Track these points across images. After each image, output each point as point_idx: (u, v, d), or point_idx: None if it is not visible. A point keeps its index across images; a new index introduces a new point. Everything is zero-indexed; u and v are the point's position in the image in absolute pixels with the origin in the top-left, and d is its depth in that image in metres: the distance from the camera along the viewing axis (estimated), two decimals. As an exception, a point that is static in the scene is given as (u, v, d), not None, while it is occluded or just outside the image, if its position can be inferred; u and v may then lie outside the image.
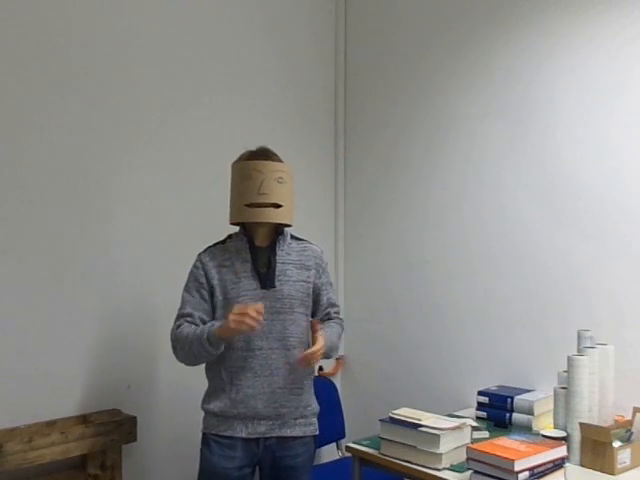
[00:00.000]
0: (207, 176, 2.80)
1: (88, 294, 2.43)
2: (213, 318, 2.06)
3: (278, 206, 2.00)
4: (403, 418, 2.06)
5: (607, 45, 2.36)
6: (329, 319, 2.19)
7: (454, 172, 2.85)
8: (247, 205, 1.99)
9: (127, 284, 2.54)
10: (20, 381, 2.26)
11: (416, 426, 2.00)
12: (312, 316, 2.17)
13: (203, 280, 2.06)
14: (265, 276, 2.04)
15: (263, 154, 2.07)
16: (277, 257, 2.07)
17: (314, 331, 2.03)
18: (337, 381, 3.24)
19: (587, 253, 2.40)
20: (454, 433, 1.99)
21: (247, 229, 2.10)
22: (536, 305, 2.55)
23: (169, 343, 2.11)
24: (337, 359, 3.29)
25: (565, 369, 2.08)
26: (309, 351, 1.96)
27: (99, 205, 2.47)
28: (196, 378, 2.70)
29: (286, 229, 2.14)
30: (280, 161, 2.08)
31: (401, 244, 3.07)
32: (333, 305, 2.21)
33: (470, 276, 2.78)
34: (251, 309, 1.86)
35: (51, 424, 2.27)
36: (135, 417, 2.39)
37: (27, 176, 2.29)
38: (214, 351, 1.96)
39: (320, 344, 1.98)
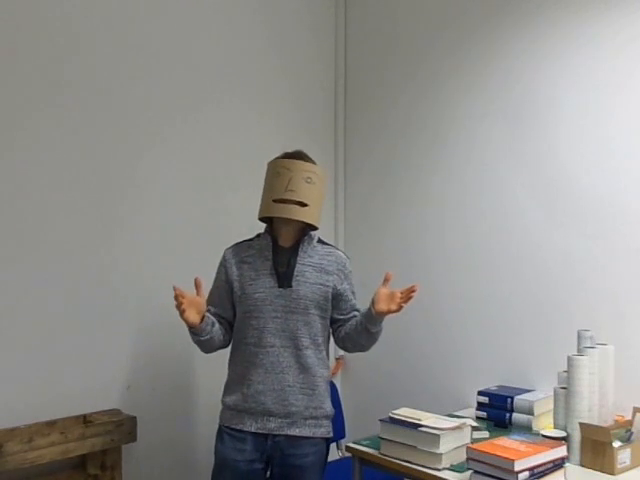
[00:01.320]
0: (216, 177, 2.81)
1: (88, 294, 2.43)
2: (233, 313, 2.15)
3: (304, 205, 2.02)
4: (403, 418, 2.07)
5: (607, 45, 2.36)
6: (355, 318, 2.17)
7: (454, 172, 2.85)
8: (274, 201, 2.02)
9: (127, 284, 2.53)
10: (20, 381, 2.26)
11: (416, 426, 2.00)
12: (333, 320, 2.18)
13: (222, 276, 2.15)
14: (283, 275, 2.06)
15: (296, 155, 2.12)
16: (298, 258, 2.09)
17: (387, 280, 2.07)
18: (337, 381, 3.24)
19: (587, 253, 2.40)
20: (454, 433, 1.99)
21: (273, 229, 2.13)
22: (536, 305, 2.55)
23: (169, 343, 2.12)
24: (337, 359, 3.29)
25: (565, 369, 2.08)
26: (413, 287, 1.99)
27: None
28: (196, 378, 2.71)
29: (313, 233, 2.16)
30: (313, 163, 2.10)
31: (401, 244, 3.07)
32: (358, 310, 2.21)
33: (470, 276, 2.78)
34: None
35: (51, 424, 2.27)
36: (135, 417, 2.39)
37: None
38: (196, 337, 2.04)
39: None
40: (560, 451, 1.84)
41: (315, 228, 2.14)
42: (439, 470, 1.93)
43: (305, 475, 2.06)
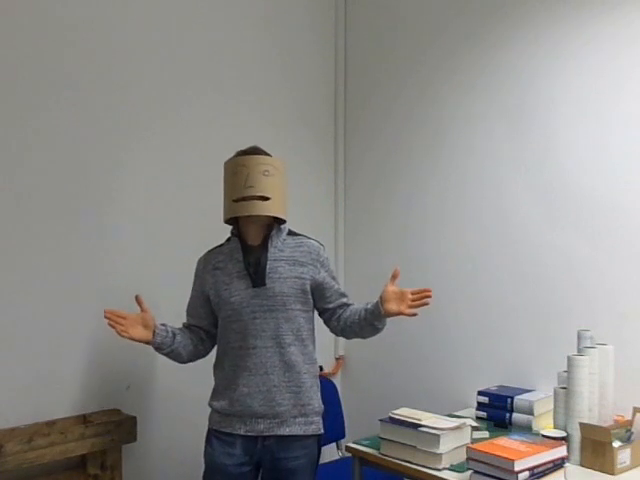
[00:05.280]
0: (206, 177, 2.80)
1: (88, 294, 2.43)
2: (211, 321, 2.15)
3: (265, 199, 1.98)
4: (403, 418, 2.07)
5: (607, 45, 2.36)
6: (347, 306, 2.15)
7: (454, 172, 2.85)
8: (235, 200, 1.99)
9: (126, 284, 2.53)
10: (20, 381, 2.25)
11: (416, 426, 2.00)
12: (321, 310, 2.15)
13: (197, 286, 2.16)
14: (255, 274, 2.03)
15: (250, 150, 2.08)
16: (268, 254, 2.05)
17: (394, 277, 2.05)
18: (337, 381, 3.24)
19: (587, 253, 2.40)
20: (454, 433, 1.99)
21: (240, 229, 2.10)
22: (536, 305, 2.55)
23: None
24: (337, 359, 3.29)
25: (565, 369, 2.08)
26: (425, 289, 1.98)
27: (98, 209, 2.47)
28: (196, 378, 2.71)
29: (283, 226, 2.12)
30: (268, 156, 2.07)
31: (401, 244, 3.07)
32: (344, 295, 2.18)
33: (470, 276, 2.78)
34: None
35: (51, 424, 2.26)
36: (135, 417, 2.39)
37: (25, 181, 2.29)
38: (158, 351, 2.10)
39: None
40: (560, 451, 1.85)
41: (283, 221, 2.10)
42: (439, 470, 1.93)
43: (297, 478, 2.03)
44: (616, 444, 1.89)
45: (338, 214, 3.34)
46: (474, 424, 2.10)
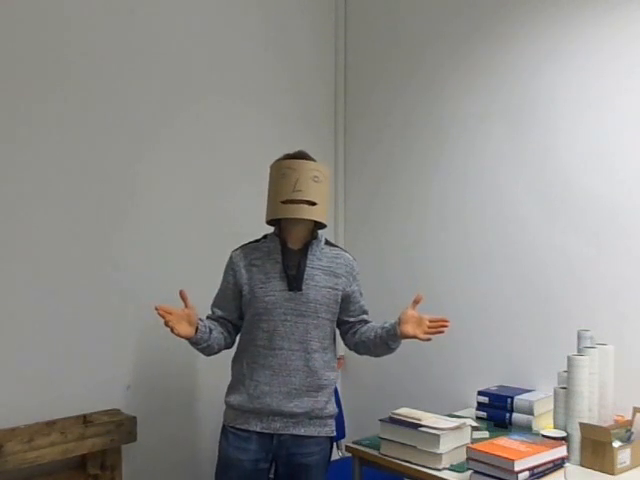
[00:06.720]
0: (210, 176, 2.81)
1: (88, 294, 2.43)
2: (239, 315, 2.14)
3: (313, 204, 2.01)
4: (403, 418, 2.07)
5: (607, 45, 2.36)
6: (366, 323, 2.20)
7: (455, 172, 2.85)
8: (282, 202, 2.01)
9: (127, 284, 2.53)
10: (20, 381, 2.26)
11: (416, 426, 2.01)
12: (341, 322, 2.19)
13: (230, 279, 2.14)
14: (293, 278, 2.05)
15: (299, 155, 2.10)
16: (307, 261, 2.08)
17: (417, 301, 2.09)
18: (337, 381, 3.23)
19: (587, 253, 2.40)
20: (454, 433, 1.99)
21: (281, 230, 2.12)
22: (536, 305, 2.55)
23: (169, 343, 2.12)
24: (337, 359, 3.27)
25: (565, 369, 2.08)
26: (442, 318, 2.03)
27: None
28: (196, 378, 2.71)
29: (321, 234, 2.15)
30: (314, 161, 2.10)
31: (402, 244, 3.07)
32: (366, 312, 2.23)
33: (470, 276, 2.78)
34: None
35: (51, 424, 2.27)
36: (135, 417, 2.39)
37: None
38: (195, 346, 2.06)
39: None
40: (560, 451, 1.85)
41: (323, 226, 2.13)
42: (439, 470, 1.93)
43: (311, 473, 2.07)
44: (616, 444, 1.89)
45: (338, 214, 3.34)
46: (474, 424, 2.10)
